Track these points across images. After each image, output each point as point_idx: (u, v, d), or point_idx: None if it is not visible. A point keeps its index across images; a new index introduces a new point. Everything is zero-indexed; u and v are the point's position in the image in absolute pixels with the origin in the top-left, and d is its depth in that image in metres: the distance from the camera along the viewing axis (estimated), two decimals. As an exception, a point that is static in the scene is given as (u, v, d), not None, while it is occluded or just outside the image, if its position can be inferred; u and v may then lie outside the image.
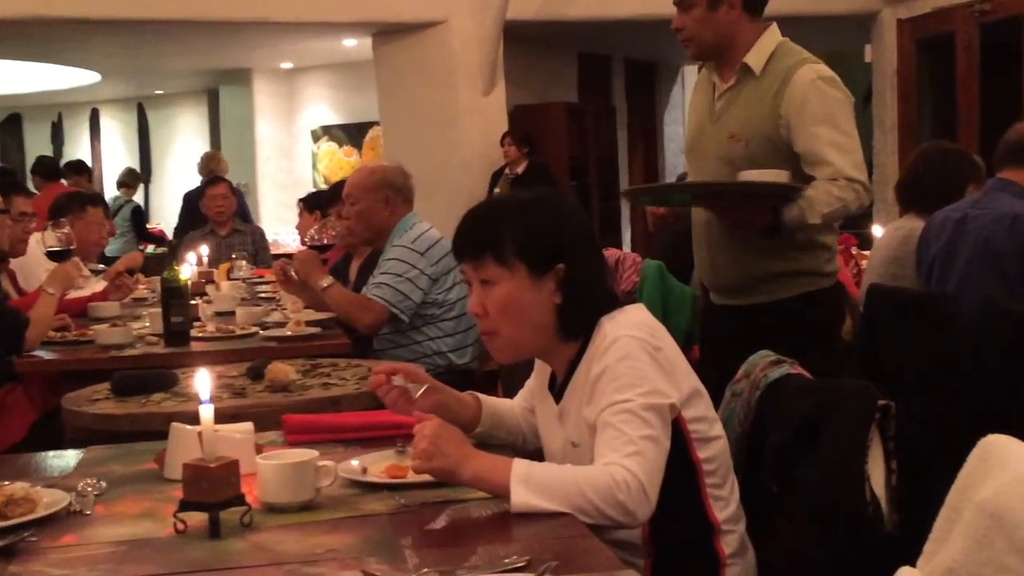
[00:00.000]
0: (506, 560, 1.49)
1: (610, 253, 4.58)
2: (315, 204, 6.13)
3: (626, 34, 10.42)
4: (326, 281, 4.04)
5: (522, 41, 9.32)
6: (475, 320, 4.10)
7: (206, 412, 1.70)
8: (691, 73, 14.18)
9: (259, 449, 2.09)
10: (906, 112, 9.05)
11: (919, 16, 8.87)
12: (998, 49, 8.19)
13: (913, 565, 1.61)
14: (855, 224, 6.98)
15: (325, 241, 4.25)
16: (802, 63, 3.11)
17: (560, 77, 10.84)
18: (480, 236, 2.08)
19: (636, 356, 1.92)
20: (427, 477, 1.86)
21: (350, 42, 10.68)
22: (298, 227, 6.88)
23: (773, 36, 3.20)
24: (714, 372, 2.56)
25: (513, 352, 2.12)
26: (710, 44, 3.22)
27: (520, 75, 9.58)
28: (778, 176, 3.05)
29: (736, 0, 3.16)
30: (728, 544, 2.04)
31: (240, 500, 1.72)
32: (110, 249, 9.38)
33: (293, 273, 4.23)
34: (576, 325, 2.04)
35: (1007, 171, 3.63)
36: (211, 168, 9.71)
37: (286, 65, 12.88)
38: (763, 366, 2.23)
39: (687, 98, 14.25)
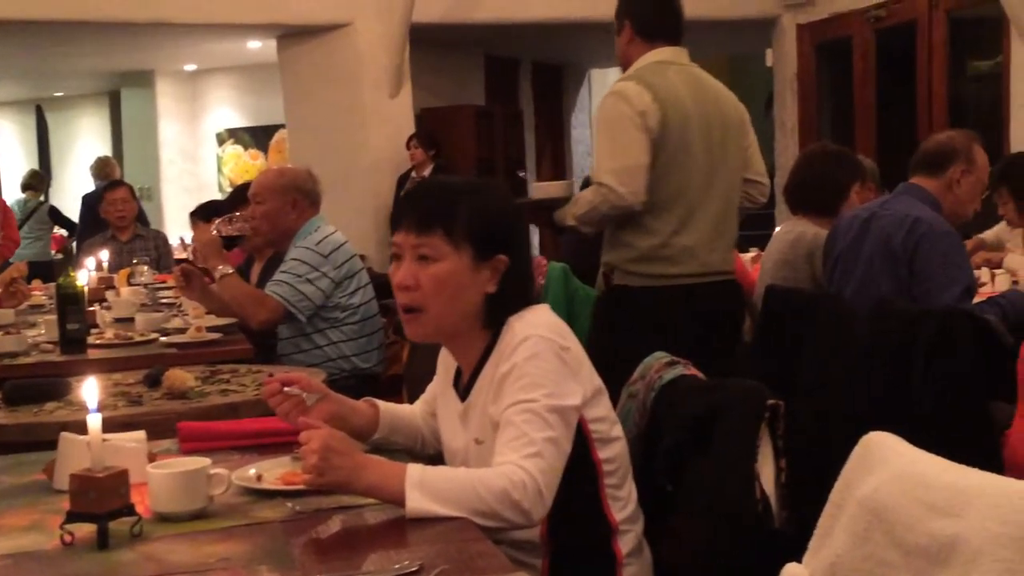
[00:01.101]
0: (396, 566, 1.49)
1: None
2: (211, 213, 6.01)
3: (533, 37, 10.47)
4: (225, 269, 3.99)
5: (428, 44, 9.31)
6: (380, 321, 4.16)
7: (94, 421, 1.67)
8: (598, 77, 14.30)
9: (153, 457, 2.06)
10: (806, 115, 9.23)
11: (817, 21, 9.05)
12: (893, 53, 8.40)
13: (801, 561, 1.64)
14: (766, 226, 7.11)
15: (232, 233, 4.18)
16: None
17: (467, 80, 10.86)
18: (434, 209, 2.02)
19: (544, 356, 1.93)
20: (322, 483, 1.85)
21: (255, 44, 10.57)
22: (193, 240, 6.69)
23: (646, 58, 3.52)
24: None
25: (433, 331, 2.08)
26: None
27: (427, 78, 9.57)
28: (553, 187, 3.95)
29: (625, 25, 3.58)
30: (625, 544, 2.06)
31: (130, 510, 1.69)
32: (27, 254, 9.19)
33: (190, 255, 4.19)
34: (500, 316, 2.04)
35: (918, 177, 3.70)
36: (106, 173, 9.55)
37: (189, 67, 12.70)
38: (658, 367, 2.26)
39: (594, 101, 14.41)
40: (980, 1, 7.46)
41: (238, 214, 4.30)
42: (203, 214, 6.27)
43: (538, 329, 1.97)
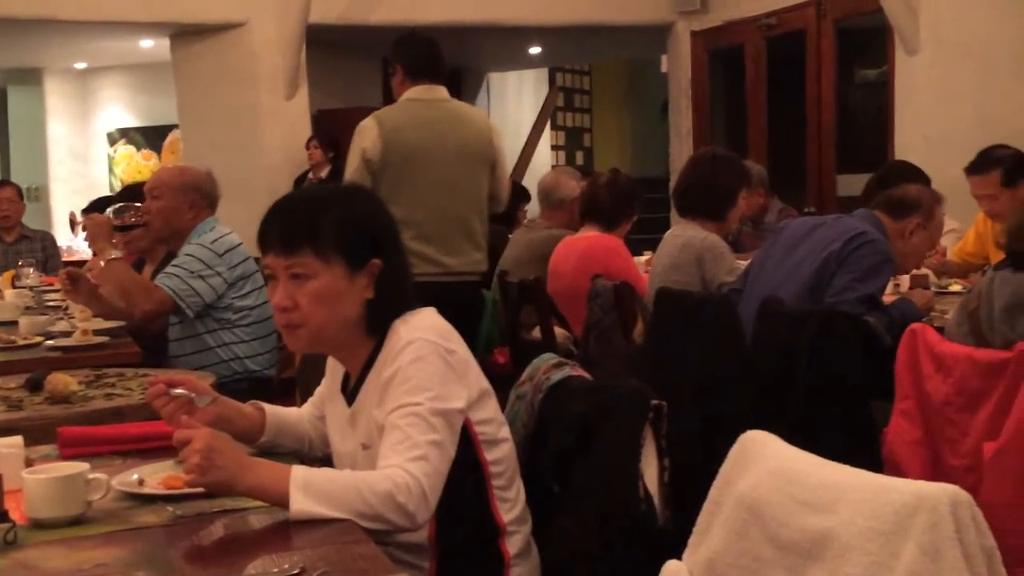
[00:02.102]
0: (275, 570, 1.48)
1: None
2: (103, 209, 5.88)
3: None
4: (113, 253, 3.92)
5: (325, 45, 9.23)
6: (274, 324, 4.12)
7: (-35, 427, 1.63)
8: (497, 80, 14.34)
9: (30, 463, 2.01)
10: (700, 121, 9.36)
11: (711, 28, 9.19)
12: (784, 61, 8.57)
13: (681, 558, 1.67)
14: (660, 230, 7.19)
15: (124, 223, 4.09)
16: None
17: (364, 81, 10.79)
18: (298, 228, 2.00)
19: (428, 359, 1.93)
20: (204, 487, 1.83)
21: (147, 43, 10.37)
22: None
23: (403, 96, 4.25)
24: None
25: (314, 343, 2.06)
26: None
27: (323, 79, 9.48)
28: None
29: (397, 68, 4.35)
30: (513, 545, 2.08)
31: (3, 517, 1.66)
32: None
33: (80, 232, 4.15)
34: (383, 321, 2.03)
35: (879, 211, 3.76)
36: None
37: (80, 65, 12.41)
38: (545, 369, 2.28)
39: (492, 104, 14.46)
40: (866, 12, 7.64)
41: (126, 204, 4.22)
42: (96, 209, 6.14)
43: (423, 332, 1.97)
